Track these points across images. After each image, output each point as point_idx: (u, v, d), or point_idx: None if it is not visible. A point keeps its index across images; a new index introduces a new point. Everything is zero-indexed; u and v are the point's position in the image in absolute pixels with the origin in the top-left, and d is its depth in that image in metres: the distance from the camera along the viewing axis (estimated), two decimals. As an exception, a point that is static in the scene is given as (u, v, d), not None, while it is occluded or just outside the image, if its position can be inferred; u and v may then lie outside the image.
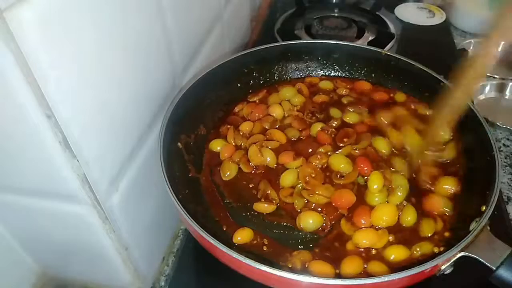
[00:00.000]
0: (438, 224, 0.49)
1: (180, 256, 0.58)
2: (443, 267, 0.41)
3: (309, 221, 0.49)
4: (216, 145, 0.60)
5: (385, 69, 0.67)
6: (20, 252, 0.50)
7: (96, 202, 0.41)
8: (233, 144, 0.59)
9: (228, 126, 0.61)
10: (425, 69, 0.61)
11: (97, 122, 0.39)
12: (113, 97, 0.42)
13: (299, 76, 0.71)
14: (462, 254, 0.41)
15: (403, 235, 0.48)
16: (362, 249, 0.47)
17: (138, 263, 0.51)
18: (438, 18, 1.06)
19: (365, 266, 0.46)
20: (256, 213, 0.51)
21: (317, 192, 0.51)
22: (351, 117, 0.62)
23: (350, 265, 0.45)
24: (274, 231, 0.50)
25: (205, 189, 0.55)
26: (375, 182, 0.51)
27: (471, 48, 1.00)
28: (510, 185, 0.68)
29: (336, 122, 0.61)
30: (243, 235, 0.48)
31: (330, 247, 0.48)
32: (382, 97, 0.66)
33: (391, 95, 0.67)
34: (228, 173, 0.55)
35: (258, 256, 0.46)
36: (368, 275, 0.45)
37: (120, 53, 0.42)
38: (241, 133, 0.60)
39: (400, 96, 0.66)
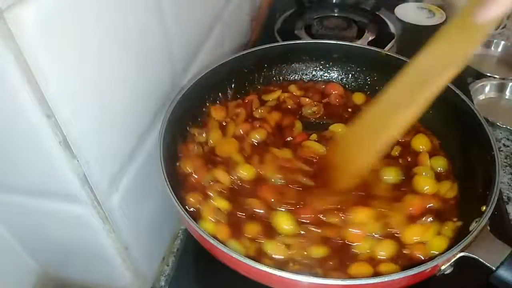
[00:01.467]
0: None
1: (180, 256, 0.58)
2: (443, 267, 0.41)
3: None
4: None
5: (385, 69, 0.66)
6: (20, 252, 0.50)
7: (96, 202, 0.41)
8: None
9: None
10: (425, 69, 0.61)
11: (97, 122, 0.39)
12: (113, 97, 0.41)
13: (298, 76, 0.71)
14: (462, 254, 0.41)
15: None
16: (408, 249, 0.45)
17: (138, 263, 0.51)
18: (438, 18, 1.05)
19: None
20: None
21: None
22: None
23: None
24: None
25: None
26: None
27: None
28: (510, 185, 0.68)
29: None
30: None
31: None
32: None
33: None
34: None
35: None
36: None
37: (120, 53, 0.41)
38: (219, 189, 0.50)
39: (359, 97, 0.67)
